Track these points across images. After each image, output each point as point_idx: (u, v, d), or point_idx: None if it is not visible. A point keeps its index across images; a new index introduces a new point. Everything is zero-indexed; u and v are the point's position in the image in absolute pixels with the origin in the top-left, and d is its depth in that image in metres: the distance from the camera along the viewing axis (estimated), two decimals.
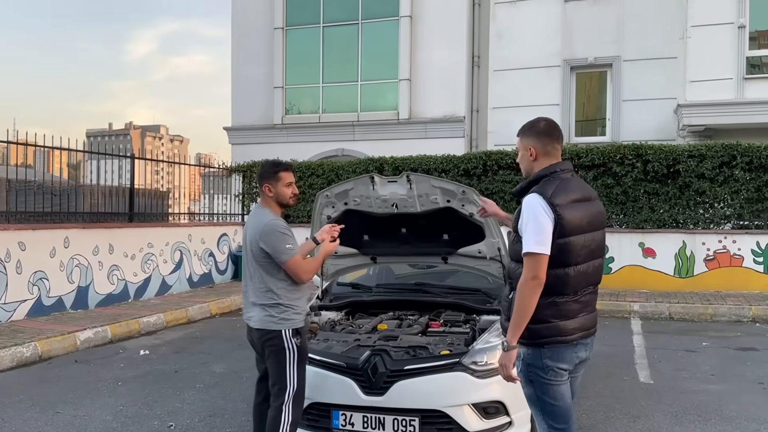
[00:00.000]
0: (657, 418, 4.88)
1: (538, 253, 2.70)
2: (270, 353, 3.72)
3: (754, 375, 6.11)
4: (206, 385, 6.00)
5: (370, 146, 14.99)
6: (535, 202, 2.76)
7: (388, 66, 15.90)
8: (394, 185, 4.33)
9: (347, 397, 3.82)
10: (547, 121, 3.00)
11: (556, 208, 2.72)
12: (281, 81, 16.63)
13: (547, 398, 2.86)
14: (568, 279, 2.78)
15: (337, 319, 4.72)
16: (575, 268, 2.79)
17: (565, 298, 2.81)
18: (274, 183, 3.75)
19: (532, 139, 2.96)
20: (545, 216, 2.72)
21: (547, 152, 2.94)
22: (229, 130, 17.30)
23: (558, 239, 2.72)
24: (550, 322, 2.80)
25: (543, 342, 2.82)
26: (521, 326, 2.76)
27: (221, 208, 13.43)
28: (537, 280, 2.71)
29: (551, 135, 2.96)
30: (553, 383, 2.84)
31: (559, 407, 2.86)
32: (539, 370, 2.84)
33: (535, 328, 2.80)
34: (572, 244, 2.76)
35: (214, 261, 12.20)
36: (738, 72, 12.85)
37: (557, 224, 2.72)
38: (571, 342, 2.84)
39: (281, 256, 3.57)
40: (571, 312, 2.83)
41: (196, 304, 9.78)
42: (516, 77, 15.25)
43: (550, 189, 2.78)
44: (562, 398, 2.87)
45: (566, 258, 2.75)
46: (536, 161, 2.95)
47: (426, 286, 4.92)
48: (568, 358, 2.86)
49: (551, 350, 2.82)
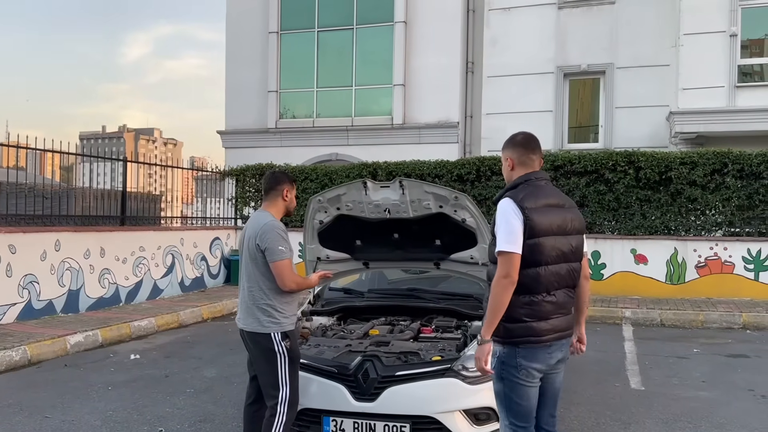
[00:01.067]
0: (648, 424, 4.88)
1: (509, 251, 2.86)
2: (260, 356, 3.73)
3: (744, 382, 6.13)
4: (197, 390, 5.97)
5: (364, 151, 15.00)
6: (506, 206, 2.95)
7: (383, 71, 15.92)
8: (386, 190, 4.33)
9: (338, 402, 3.82)
10: (525, 134, 3.21)
11: (525, 211, 2.90)
12: (275, 85, 16.62)
13: (514, 396, 2.98)
14: (539, 278, 2.92)
15: (329, 324, 4.71)
16: (546, 268, 2.93)
17: (539, 297, 2.94)
18: (291, 189, 3.90)
19: (510, 151, 3.17)
20: (515, 218, 2.89)
21: (523, 162, 3.13)
22: (223, 133, 17.27)
23: (528, 240, 2.88)
24: (524, 322, 2.93)
25: (518, 341, 2.94)
26: (494, 322, 2.89)
27: (214, 212, 13.41)
28: (509, 278, 2.85)
29: (527, 146, 3.14)
30: (522, 383, 2.97)
31: (523, 407, 3.00)
32: (512, 368, 2.96)
33: (511, 327, 2.93)
34: (542, 245, 2.91)
35: (207, 265, 12.16)
36: (730, 80, 12.95)
37: (526, 225, 2.88)
38: (545, 343, 2.96)
39: (273, 255, 3.62)
40: (545, 313, 2.96)
41: (187, 309, 9.74)
42: (510, 83, 15.30)
43: (521, 194, 2.98)
44: (528, 399, 3.00)
45: (537, 258, 2.90)
46: (513, 170, 3.15)
47: (418, 292, 4.92)
48: (542, 358, 2.98)
49: (526, 350, 2.95)
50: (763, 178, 10.09)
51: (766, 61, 13.18)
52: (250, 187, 13.55)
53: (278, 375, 3.66)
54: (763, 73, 13.42)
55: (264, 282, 3.70)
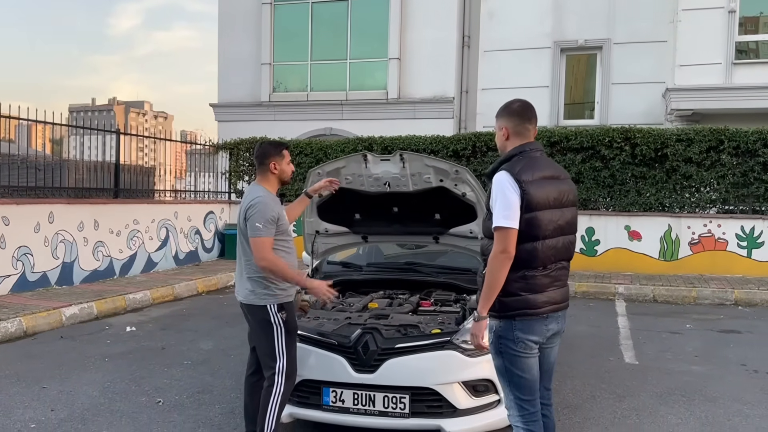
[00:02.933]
0: (642, 398, 4.94)
1: (506, 227, 2.80)
2: (257, 328, 3.74)
3: (736, 357, 6.20)
4: (194, 362, 5.98)
5: (359, 126, 14.90)
6: (502, 179, 2.86)
7: (378, 44, 15.75)
8: (386, 164, 4.31)
9: (338, 374, 3.83)
10: (521, 102, 3.10)
11: (522, 184, 2.82)
12: (269, 58, 16.43)
13: (515, 370, 2.96)
14: (536, 253, 2.87)
15: None
16: (543, 242, 2.88)
17: (535, 272, 2.90)
18: (279, 160, 3.82)
19: (505, 119, 3.07)
20: (512, 192, 2.82)
21: (518, 132, 3.03)
22: (216, 107, 17.11)
23: (525, 214, 2.82)
24: (520, 296, 2.90)
25: (514, 314, 2.92)
26: (491, 298, 2.86)
27: (206, 186, 13.32)
28: (506, 254, 2.80)
29: (523, 116, 3.03)
30: (522, 355, 2.94)
31: (526, 379, 2.97)
32: (510, 341, 2.94)
33: (506, 301, 2.91)
34: (539, 218, 2.85)
35: (201, 239, 12.13)
36: (727, 57, 12.88)
37: (524, 199, 2.81)
38: (541, 315, 2.95)
39: (250, 230, 3.61)
40: (540, 286, 2.93)
41: (182, 282, 9.74)
42: (506, 58, 15.19)
43: (517, 166, 2.89)
44: (530, 371, 2.98)
45: (534, 232, 2.85)
46: (508, 141, 3.05)
47: (416, 266, 4.93)
48: (539, 330, 2.95)
49: (522, 323, 2.92)
50: (758, 156, 10.11)
51: (763, 38, 13.11)
52: (244, 160, 13.46)
53: (275, 346, 3.66)
54: (759, 50, 13.37)
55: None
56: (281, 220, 3.71)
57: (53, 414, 4.61)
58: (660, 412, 4.64)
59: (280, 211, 3.75)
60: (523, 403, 2.98)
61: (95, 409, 4.71)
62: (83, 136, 10.27)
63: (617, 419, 4.49)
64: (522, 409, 2.98)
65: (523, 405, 2.98)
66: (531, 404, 2.99)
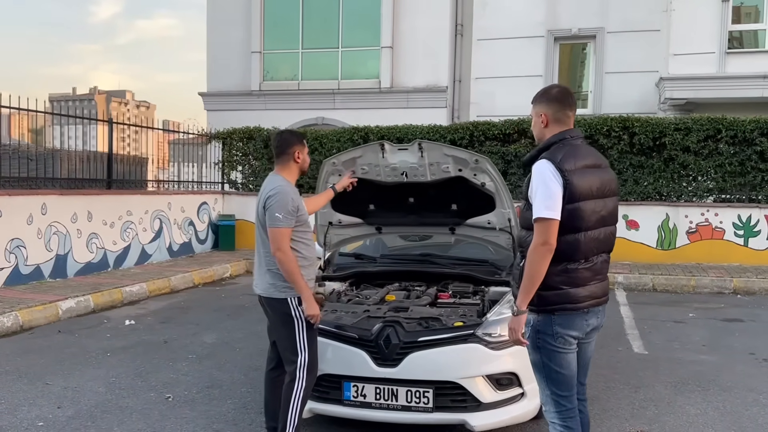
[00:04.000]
0: (657, 388, 4.92)
1: (548, 218, 2.70)
2: (277, 321, 3.65)
3: (743, 346, 6.21)
4: (199, 355, 5.87)
5: (351, 115, 14.75)
6: (544, 168, 2.76)
7: (370, 33, 15.60)
8: (404, 153, 4.21)
9: (359, 368, 3.75)
10: (560, 88, 3.00)
11: (565, 174, 2.72)
12: (259, 46, 16.22)
13: (553, 365, 2.87)
14: (578, 245, 2.78)
15: (343, 289, 4.61)
16: (586, 234, 2.79)
17: (577, 264, 2.80)
18: (302, 149, 3.74)
19: (544, 106, 2.95)
20: (554, 181, 2.72)
21: (558, 119, 2.92)
22: (205, 95, 16.88)
23: (568, 204, 2.72)
24: (560, 289, 2.80)
25: (553, 309, 2.83)
26: (531, 292, 2.77)
27: (193, 176, 13.08)
28: (547, 246, 2.71)
29: (563, 102, 2.93)
30: (560, 350, 2.86)
31: (564, 375, 2.88)
32: (548, 336, 2.85)
33: (546, 294, 2.81)
34: (582, 209, 2.75)
35: (194, 230, 11.96)
36: (720, 46, 12.93)
37: (566, 189, 2.72)
38: (582, 309, 2.85)
39: (269, 220, 3.52)
40: (582, 279, 2.83)
41: (178, 274, 9.58)
42: (499, 47, 15.12)
43: (559, 155, 2.79)
44: (568, 366, 2.89)
45: (577, 223, 2.75)
46: (547, 128, 2.95)
47: (432, 257, 4.84)
48: (579, 325, 2.87)
49: (562, 317, 2.84)
50: (755, 145, 10.14)
51: (757, 27, 13.15)
52: (237, 150, 13.27)
53: (296, 340, 3.57)
54: (752, 39, 13.41)
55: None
56: (301, 211, 3.61)
57: (60, 411, 4.48)
58: (677, 402, 4.62)
59: (300, 202, 3.65)
60: (561, 399, 2.90)
61: (103, 405, 4.59)
62: (68, 125, 10.03)
63: (636, 410, 4.45)
64: (559, 405, 2.90)
65: (560, 401, 2.90)
66: (568, 400, 2.90)
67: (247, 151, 13.16)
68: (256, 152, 12.97)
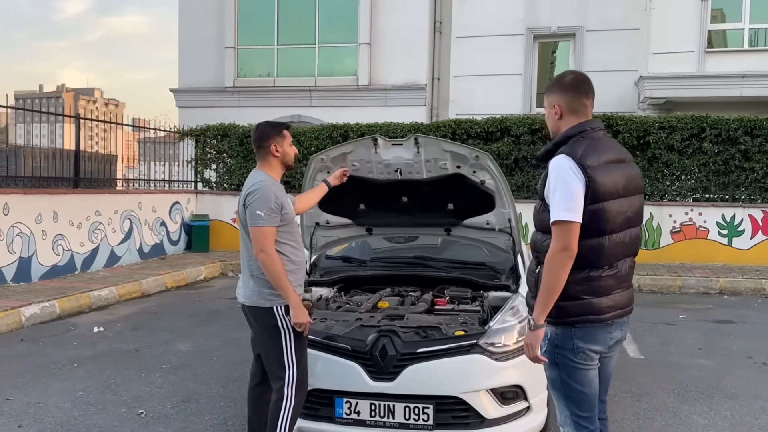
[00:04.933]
0: (660, 396, 4.70)
1: (568, 220, 2.42)
2: (262, 333, 3.32)
3: (739, 349, 6.05)
4: (173, 366, 5.50)
5: (328, 113, 14.42)
6: (563, 165, 2.48)
7: (347, 29, 15.27)
8: (399, 148, 3.91)
9: (352, 383, 3.44)
10: (575, 74, 2.71)
11: (587, 170, 2.44)
12: (233, 41, 15.78)
13: (573, 383, 2.60)
14: (602, 250, 2.50)
15: (331, 295, 4.29)
16: (610, 237, 2.51)
17: (600, 271, 2.52)
18: (280, 141, 3.38)
19: (558, 95, 2.66)
20: (575, 179, 2.44)
21: (574, 109, 2.63)
22: (176, 92, 16.38)
23: (590, 205, 2.44)
24: (582, 299, 2.52)
25: (574, 321, 2.54)
26: (549, 303, 2.49)
27: (164, 175, 12.61)
28: (568, 252, 2.43)
29: (579, 90, 2.64)
30: (581, 367, 2.58)
31: (585, 394, 2.61)
32: (568, 351, 2.57)
33: (565, 305, 2.52)
34: (607, 210, 2.47)
35: (166, 231, 11.50)
36: (700, 45, 12.87)
37: (589, 188, 2.44)
38: (605, 321, 2.57)
39: (250, 218, 3.20)
40: (606, 288, 2.54)
41: (149, 277, 9.15)
42: (478, 45, 14.90)
43: (579, 149, 2.50)
44: (589, 384, 2.62)
45: (600, 226, 2.47)
46: (562, 120, 2.66)
47: (426, 260, 4.54)
48: (602, 339, 2.59)
49: (583, 330, 2.55)
50: (739, 144, 10.07)
51: (736, 27, 13.13)
52: (211, 148, 12.83)
53: (283, 354, 3.25)
54: (731, 38, 13.40)
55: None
56: (285, 209, 3.29)
57: (21, 431, 4.09)
58: (683, 411, 4.40)
59: (285, 199, 3.32)
60: (581, 420, 2.62)
61: (69, 423, 4.21)
62: (32, 122, 9.53)
63: (642, 421, 4.22)
64: (580, 427, 2.62)
65: (580, 422, 2.62)
66: (589, 421, 2.63)
67: (222, 148, 12.73)
68: (231, 150, 12.55)
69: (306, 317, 3.23)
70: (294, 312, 3.21)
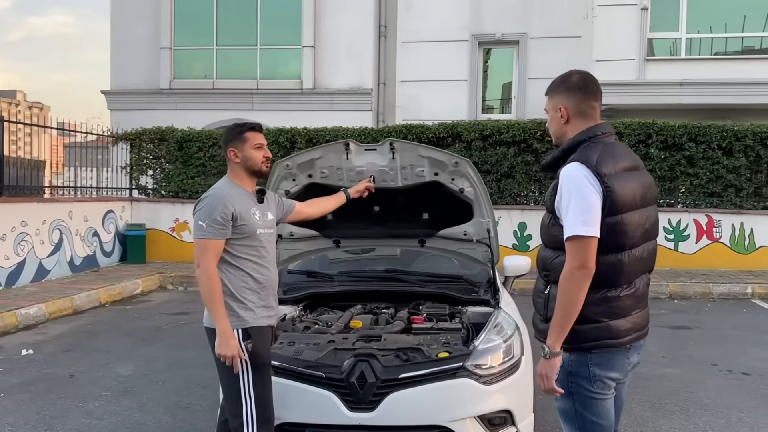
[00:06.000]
0: (635, 409, 4.55)
1: (585, 236, 2.21)
2: (216, 361, 2.94)
3: (702, 356, 6.03)
4: (114, 392, 5.00)
5: (271, 117, 13.91)
6: (577, 174, 2.26)
7: (291, 31, 14.86)
8: (372, 154, 3.61)
9: (327, 414, 3.10)
10: (582, 74, 2.49)
11: (605, 179, 2.23)
12: (169, 41, 15.10)
13: (589, 414, 2.37)
14: (622, 267, 2.30)
15: (297, 315, 3.93)
16: (630, 253, 2.31)
17: (619, 291, 2.32)
18: (240, 146, 3.03)
19: (563, 97, 2.45)
20: (591, 189, 2.23)
21: (583, 112, 2.43)
22: (108, 94, 15.54)
23: (608, 218, 2.23)
24: (600, 322, 2.31)
25: (591, 346, 2.32)
26: (566, 327, 2.26)
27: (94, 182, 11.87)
28: (585, 270, 2.22)
29: (587, 91, 2.43)
30: (598, 397, 2.36)
31: (601, 426, 2.38)
32: (584, 380, 2.35)
33: (582, 329, 2.30)
34: (626, 223, 2.27)
35: (99, 241, 10.77)
36: (640, 53, 13.13)
37: (607, 199, 2.23)
38: (624, 346, 2.35)
39: (194, 229, 2.92)
40: (624, 309, 2.34)
41: (82, 292, 8.49)
42: (424, 50, 14.75)
43: (594, 156, 2.29)
44: (606, 415, 2.40)
45: (619, 240, 2.27)
46: (569, 124, 2.45)
47: (399, 273, 4.22)
48: (620, 365, 2.38)
49: (600, 356, 2.34)
50: (684, 150, 10.24)
51: (674, 36, 13.46)
52: (148, 153, 12.14)
53: (240, 387, 2.89)
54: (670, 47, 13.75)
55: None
56: (243, 220, 2.92)
57: None
58: (663, 426, 4.27)
59: (243, 209, 2.95)
60: None
61: None
62: None
63: None
64: None
65: None
66: None
67: (159, 153, 12.07)
68: (169, 155, 11.90)
69: (232, 350, 2.83)
70: (218, 341, 2.84)
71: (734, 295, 9.02)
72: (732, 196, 10.31)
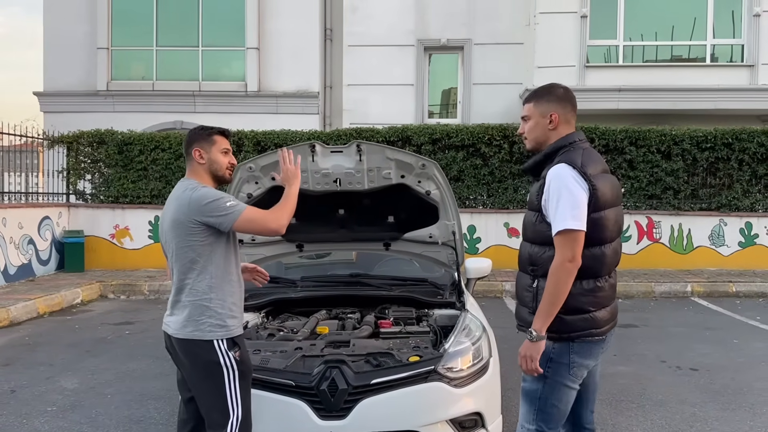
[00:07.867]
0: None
1: (575, 229, 2.42)
2: (199, 373, 2.80)
3: (651, 353, 6.20)
4: (60, 407, 4.74)
5: (215, 119, 13.47)
6: (565, 174, 2.48)
7: (234, 32, 14.59)
8: (338, 156, 3.54)
9: (298, 424, 3.03)
10: (564, 87, 2.75)
11: (590, 179, 2.47)
12: (106, 41, 14.57)
13: (552, 399, 2.59)
14: (604, 258, 2.54)
15: (260, 322, 3.81)
16: (609, 246, 2.57)
17: (602, 281, 2.56)
18: (207, 147, 2.90)
19: (554, 105, 2.67)
20: (579, 188, 2.45)
21: (568, 120, 2.68)
22: (41, 95, 14.86)
23: (593, 213, 2.47)
24: (587, 312, 2.52)
25: (576, 336, 2.54)
26: (552, 314, 2.47)
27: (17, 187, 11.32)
28: (574, 262, 2.44)
29: (572, 101, 2.71)
30: (569, 384, 2.59)
31: (560, 410, 2.62)
32: (562, 367, 2.57)
33: (571, 319, 2.51)
34: (607, 218, 2.52)
35: (35, 249, 10.27)
36: (580, 60, 13.51)
37: (592, 196, 2.46)
38: (602, 335, 2.58)
39: (227, 216, 2.71)
40: (606, 299, 2.58)
41: (18, 302, 8.05)
42: (370, 54, 14.75)
43: (578, 159, 2.52)
44: (567, 402, 2.62)
45: (601, 234, 2.51)
46: (555, 130, 2.66)
47: (364, 277, 4.16)
48: (596, 353, 2.62)
49: (581, 345, 2.55)
50: (625, 153, 10.58)
51: (611, 43, 13.90)
52: (85, 156, 11.66)
53: (227, 396, 2.77)
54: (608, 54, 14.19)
55: (208, 267, 2.77)
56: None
57: None
58: (621, 423, 4.37)
59: None
60: None
61: None
62: None
63: None
64: None
65: None
66: None
67: (98, 157, 11.61)
68: (109, 158, 11.46)
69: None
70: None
71: (675, 293, 9.36)
72: (671, 198, 10.72)
